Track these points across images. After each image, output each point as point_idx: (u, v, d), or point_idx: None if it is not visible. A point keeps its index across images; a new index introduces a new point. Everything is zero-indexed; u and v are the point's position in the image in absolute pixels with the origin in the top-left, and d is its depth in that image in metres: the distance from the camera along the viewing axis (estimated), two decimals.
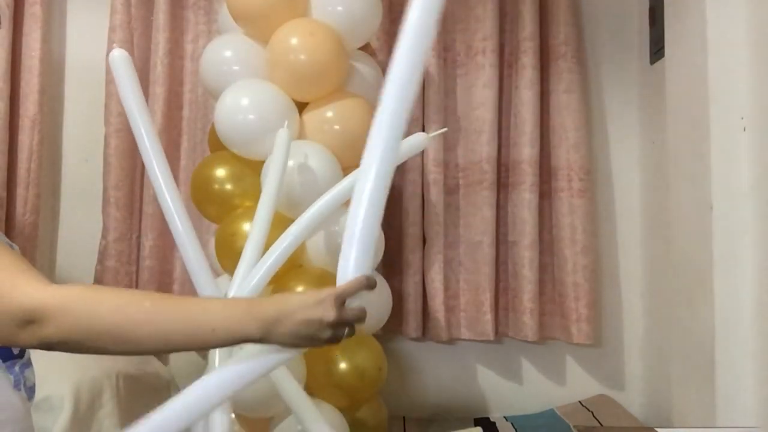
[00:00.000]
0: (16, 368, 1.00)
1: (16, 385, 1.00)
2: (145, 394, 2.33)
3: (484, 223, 2.47)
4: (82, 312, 0.84)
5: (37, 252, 2.59)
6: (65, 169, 2.75)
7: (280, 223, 1.98)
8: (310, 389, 1.98)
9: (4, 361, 0.98)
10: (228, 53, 2.08)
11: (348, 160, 2.07)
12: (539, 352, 2.61)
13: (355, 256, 0.93)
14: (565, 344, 2.54)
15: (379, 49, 2.49)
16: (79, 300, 0.85)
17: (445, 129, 2.25)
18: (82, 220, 2.68)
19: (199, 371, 2.29)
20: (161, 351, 0.92)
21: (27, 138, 2.56)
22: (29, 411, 1.05)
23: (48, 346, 0.85)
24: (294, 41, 1.98)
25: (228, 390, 0.95)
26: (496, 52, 2.49)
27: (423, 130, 2.49)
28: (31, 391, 1.07)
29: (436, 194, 2.46)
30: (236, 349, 1.01)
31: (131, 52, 2.59)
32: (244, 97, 1.97)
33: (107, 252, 2.54)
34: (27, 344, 0.85)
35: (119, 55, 1.67)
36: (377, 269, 2.24)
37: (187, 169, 2.56)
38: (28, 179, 2.55)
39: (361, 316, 0.90)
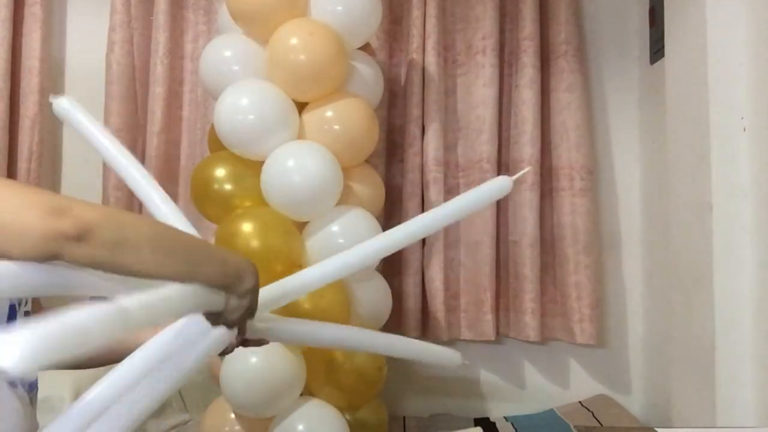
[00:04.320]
0: None
1: (12, 383, 1.00)
2: None
3: (485, 223, 2.47)
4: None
5: None
6: (65, 169, 2.74)
7: (280, 224, 1.99)
8: (310, 389, 1.98)
9: None
10: (228, 53, 2.08)
11: (348, 160, 2.07)
12: (540, 352, 2.61)
13: None
14: (567, 345, 2.53)
15: (379, 49, 2.49)
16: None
17: (529, 168, 2.22)
18: None
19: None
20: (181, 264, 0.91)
21: (27, 138, 2.56)
22: (29, 408, 1.04)
23: (81, 236, 0.77)
24: (294, 41, 1.98)
25: None
26: (496, 51, 2.49)
27: (423, 130, 2.49)
28: (30, 387, 1.06)
29: (436, 194, 2.46)
30: None
31: (131, 52, 2.60)
32: (243, 97, 1.97)
33: None
34: (63, 231, 0.76)
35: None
36: (377, 268, 2.24)
37: (186, 169, 2.56)
38: (28, 179, 2.55)
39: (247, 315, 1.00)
